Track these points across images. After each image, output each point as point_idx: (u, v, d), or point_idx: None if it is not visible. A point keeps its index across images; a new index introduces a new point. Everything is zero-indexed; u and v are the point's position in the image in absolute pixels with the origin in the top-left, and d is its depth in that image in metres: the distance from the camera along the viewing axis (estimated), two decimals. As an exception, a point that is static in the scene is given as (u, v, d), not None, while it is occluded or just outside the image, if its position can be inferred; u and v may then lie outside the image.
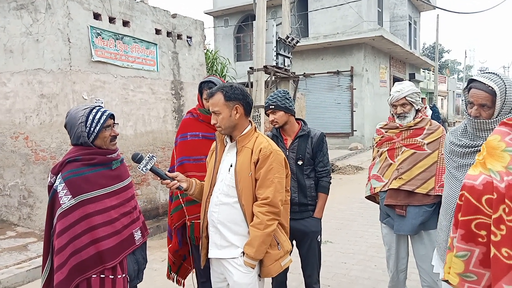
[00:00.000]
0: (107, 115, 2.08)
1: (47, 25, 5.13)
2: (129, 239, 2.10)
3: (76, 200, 1.95)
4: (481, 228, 1.56)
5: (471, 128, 1.86)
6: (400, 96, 2.71)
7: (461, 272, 1.61)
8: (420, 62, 23.24)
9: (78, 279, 1.93)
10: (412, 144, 2.73)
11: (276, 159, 2.10)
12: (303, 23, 17.07)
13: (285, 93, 2.84)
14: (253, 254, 2.05)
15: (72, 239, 1.93)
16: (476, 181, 1.57)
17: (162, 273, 4.23)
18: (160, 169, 2.20)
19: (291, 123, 2.86)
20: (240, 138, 2.16)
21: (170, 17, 6.72)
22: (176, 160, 2.85)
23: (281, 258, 2.16)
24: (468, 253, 1.59)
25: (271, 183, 2.07)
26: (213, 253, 2.17)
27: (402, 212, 2.70)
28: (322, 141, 2.85)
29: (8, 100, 5.53)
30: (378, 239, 5.10)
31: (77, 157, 2.02)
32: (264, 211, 2.05)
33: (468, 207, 1.58)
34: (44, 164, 5.30)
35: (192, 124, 2.85)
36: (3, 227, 5.54)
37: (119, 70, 5.73)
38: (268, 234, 2.05)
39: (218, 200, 2.14)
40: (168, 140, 6.62)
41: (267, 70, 9.11)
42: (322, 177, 2.85)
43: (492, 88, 1.75)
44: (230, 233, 2.12)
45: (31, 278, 4.14)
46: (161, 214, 6.43)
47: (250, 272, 2.09)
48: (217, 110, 2.11)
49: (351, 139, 16.11)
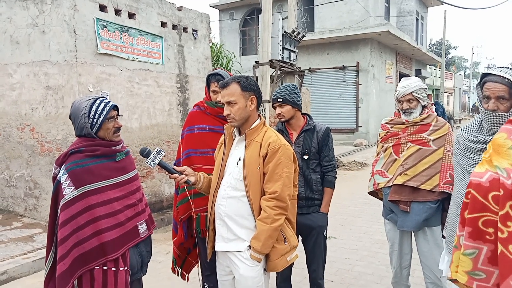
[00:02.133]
0: (110, 106, 2.07)
1: (53, 16, 5.13)
2: (132, 231, 2.10)
3: (79, 191, 1.95)
4: (488, 225, 1.54)
5: (488, 123, 1.83)
6: (407, 91, 2.69)
7: (469, 270, 1.59)
8: (426, 58, 23.06)
9: (81, 270, 1.94)
10: (418, 140, 2.71)
11: (285, 154, 2.10)
12: (309, 18, 16.96)
13: (294, 88, 2.83)
14: (260, 248, 2.05)
15: (75, 230, 1.93)
16: (483, 178, 1.56)
17: (166, 266, 4.26)
18: (168, 163, 2.20)
19: (297, 117, 2.85)
20: (249, 131, 2.15)
21: (176, 9, 6.69)
22: (182, 153, 2.84)
23: (288, 253, 2.16)
24: (476, 251, 1.58)
25: (280, 178, 2.07)
26: (220, 246, 2.17)
27: (406, 208, 2.69)
28: (327, 135, 2.84)
29: (15, 92, 5.56)
30: (382, 235, 5.09)
31: (80, 148, 2.02)
32: (271, 205, 2.04)
33: (474, 204, 1.57)
34: (50, 155, 5.33)
35: (199, 117, 2.85)
36: (9, 218, 5.59)
37: (124, 62, 5.73)
38: (275, 228, 2.05)
39: (226, 194, 2.14)
40: (173, 134, 6.63)
41: (273, 64, 9.08)
42: (327, 172, 2.85)
43: (508, 79, 1.74)
44: (237, 226, 2.12)
45: (36, 269, 4.18)
46: (165, 207, 6.45)
47: (256, 265, 2.10)
48: (234, 100, 2.09)
49: (356, 135, 16.05)
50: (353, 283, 3.82)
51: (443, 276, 2.13)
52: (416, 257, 2.91)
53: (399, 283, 2.99)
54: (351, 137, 16.01)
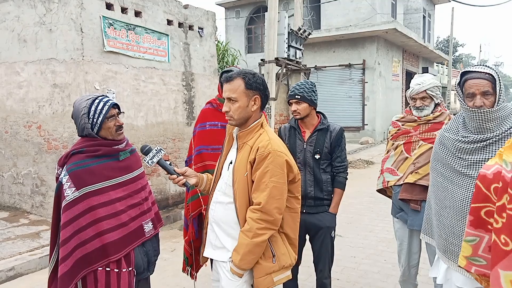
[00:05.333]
0: (110, 105, 2.02)
1: (60, 14, 5.15)
2: (137, 231, 2.07)
3: (80, 192, 1.93)
4: (490, 215, 1.62)
5: (475, 121, 1.82)
6: (421, 89, 2.66)
7: (468, 256, 1.68)
8: (433, 56, 22.86)
9: (83, 272, 1.93)
10: (430, 138, 2.67)
11: (274, 161, 1.85)
12: (315, 15, 16.90)
13: (312, 85, 2.79)
14: (238, 263, 1.85)
15: (77, 231, 1.92)
16: (489, 171, 1.63)
17: (172, 263, 4.27)
18: (168, 163, 2.09)
19: (312, 116, 2.81)
20: (242, 133, 1.97)
21: (182, 7, 6.69)
22: (194, 149, 2.84)
23: (275, 273, 1.90)
24: (476, 239, 1.66)
25: (266, 188, 1.83)
26: (208, 252, 2.05)
27: (417, 207, 2.66)
28: (341, 136, 2.80)
29: (22, 90, 5.59)
30: (388, 233, 5.07)
31: (82, 148, 2.00)
32: (255, 217, 1.83)
33: (478, 194, 1.65)
34: (56, 153, 5.35)
35: (211, 114, 2.84)
36: (16, 215, 5.64)
37: (130, 60, 5.74)
38: (257, 244, 1.82)
39: (216, 198, 2.02)
40: (179, 132, 6.64)
41: (279, 62, 9.05)
42: (339, 173, 2.80)
43: (490, 74, 1.79)
44: (224, 234, 1.97)
45: (43, 265, 4.21)
46: (171, 204, 6.47)
47: (236, 280, 1.90)
48: (234, 97, 1.91)
49: (362, 133, 15.97)
50: (359, 281, 3.80)
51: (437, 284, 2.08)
52: (423, 255, 2.89)
53: (407, 281, 2.97)
54: (357, 135, 15.94)
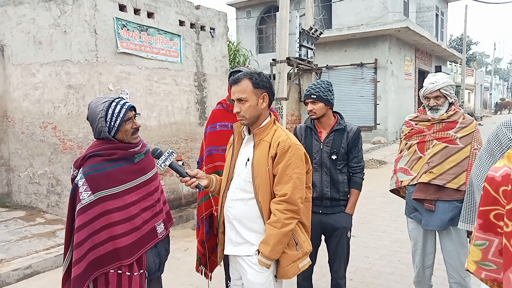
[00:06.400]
0: (127, 108, 2.00)
1: (74, 16, 5.22)
2: (150, 233, 2.09)
3: (95, 196, 1.94)
4: (499, 219, 1.58)
5: None
6: (435, 88, 2.63)
7: (478, 260, 1.64)
8: (447, 55, 22.57)
9: (96, 273, 1.95)
10: (444, 138, 2.64)
11: (296, 154, 1.98)
12: (326, 14, 16.82)
13: (329, 85, 2.77)
14: (268, 254, 1.95)
15: (91, 235, 1.94)
16: (497, 173, 1.58)
17: (185, 262, 4.30)
18: (180, 166, 2.11)
19: (328, 116, 2.77)
20: (258, 130, 2.05)
21: (193, 8, 6.73)
22: (205, 150, 2.86)
23: (299, 260, 2.05)
24: (486, 242, 1.62)
25: (290, 179, 1.95)
26: (229, 250, 2.10)
27: (432, 207, 2.63)
28: (358, 136, 2.77)
29: (37, 91, 5.68)
30: (401, 234, 5.02)
31: (99, 152, 2.00)
32: (281, 208, 1.94)
33: (487, 197, 1.61)
34: (71, 153, 5.43)
35: (222, 115, 2.86)
36: (32, 214, 5.73)
37: (143, 61, 5.79)
38: (285, 233, 1.94)
39: (234, 196, 2.06)
40: (191, 132, 6.68)
41: (290, 62, 9.04)
42: (355, 173, 2.78)
43: None
44: (246, 229, 2.04)
45: (59, 264, 4.27)
46: (183, 204, 6.51)
47: (264, 271, 2.00)
48: (244, 97, 2.00)
49: (374, 132, 15.84)
50: (372, 281, 3.77)
51: (468, 276, 2.07)
52: (438, 256, 2.86)
53: (422, 282, 2.93)
54: (369, 135, 15.80)
